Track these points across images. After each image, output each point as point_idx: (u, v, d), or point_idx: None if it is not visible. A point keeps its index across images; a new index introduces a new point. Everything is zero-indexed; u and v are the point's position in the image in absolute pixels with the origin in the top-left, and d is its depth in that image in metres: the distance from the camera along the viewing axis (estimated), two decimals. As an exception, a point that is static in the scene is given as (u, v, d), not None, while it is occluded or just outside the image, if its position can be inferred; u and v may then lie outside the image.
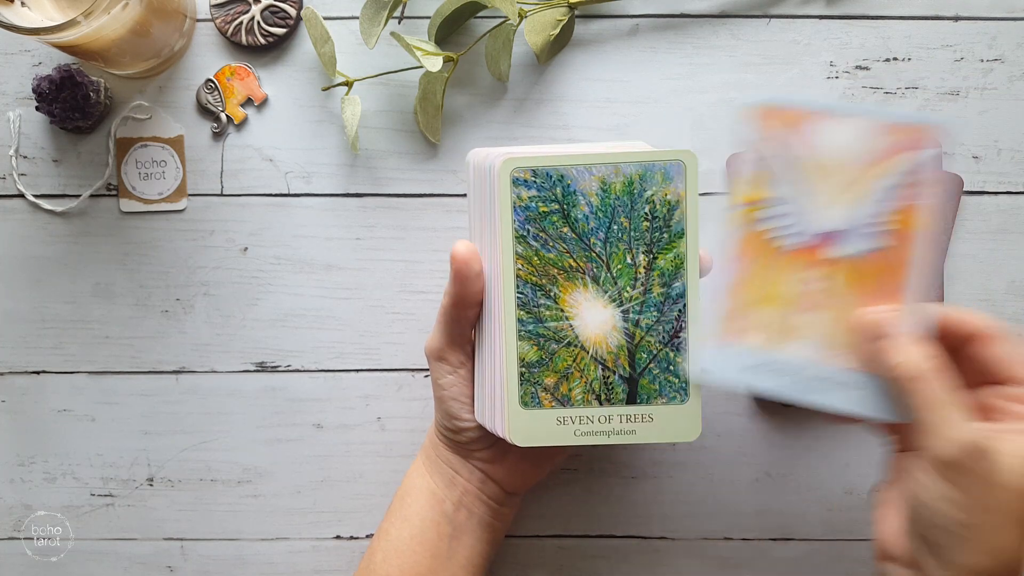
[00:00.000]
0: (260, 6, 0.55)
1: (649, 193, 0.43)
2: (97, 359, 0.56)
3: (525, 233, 0.43)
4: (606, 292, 0.43)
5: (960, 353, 0.41)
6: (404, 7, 0.55)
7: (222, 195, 0.56)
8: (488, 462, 0.49)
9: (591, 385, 0.44)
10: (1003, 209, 0.55)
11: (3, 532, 0.57)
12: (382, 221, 0.56)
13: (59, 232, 0.56)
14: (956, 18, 0.55)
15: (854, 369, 0.42)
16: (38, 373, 0.56)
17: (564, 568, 0.56)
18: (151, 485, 0.56)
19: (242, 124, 0.56)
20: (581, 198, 0.43)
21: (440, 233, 0.56)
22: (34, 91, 0.53)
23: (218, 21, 0.55)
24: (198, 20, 0.56)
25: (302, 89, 0.56)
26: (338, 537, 0.57)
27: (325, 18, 0.53)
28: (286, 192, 0.56)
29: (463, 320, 0.45)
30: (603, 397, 0.44)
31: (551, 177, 0.43)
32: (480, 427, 0.47)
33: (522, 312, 0.43)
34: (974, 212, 0.55)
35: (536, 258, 0.43)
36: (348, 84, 0.54)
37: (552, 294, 0.43)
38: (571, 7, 0.54)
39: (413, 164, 0.56)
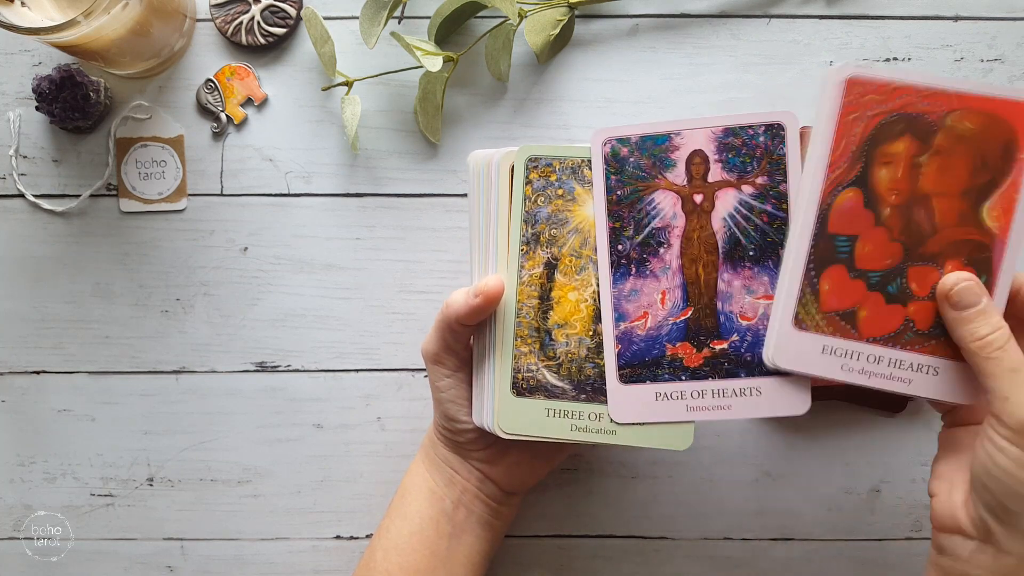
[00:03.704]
0: (260, 6, 0.55)
1: None
2: (97, 359, 0.56)
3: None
4: None
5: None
6: (404, 7, 0.55)
7: (222, 195, 0.56)
8: (486, 462, 0.49)
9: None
10: (1003, 209, 0.55)
11: (3, 532, 0.57)
12: (382, 221, 0.56)
13: (59, 232, 0.56)
14: (956, 18, 0.55)
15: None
16: (38, 373, 0.56)
17: (564, 568, 0.56)
18: (151, 485, 0.56)
19: (242, 124, 0.56)
20: None
21: (440, 233, 0.56)
22: (34, 91, 0.53)
23: (218, 21, 0.55)
24: (198, 20, 0.56)
25: (302, 89, 0.56)
26: (338, 537, 0.57)
27: (325, 18, 0.53)
28: (286, 192, 0.56)
29: (462, 332, 0.45)
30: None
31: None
32: (478, 428, 0.47)
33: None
34: (974, 212, 0.55)
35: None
36: (348, 84, 0.54)
37: None
38: (571, 7, 0.54)
39: (413, 164, 0.56)
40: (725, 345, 0.42)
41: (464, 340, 0.46)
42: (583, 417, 0.43)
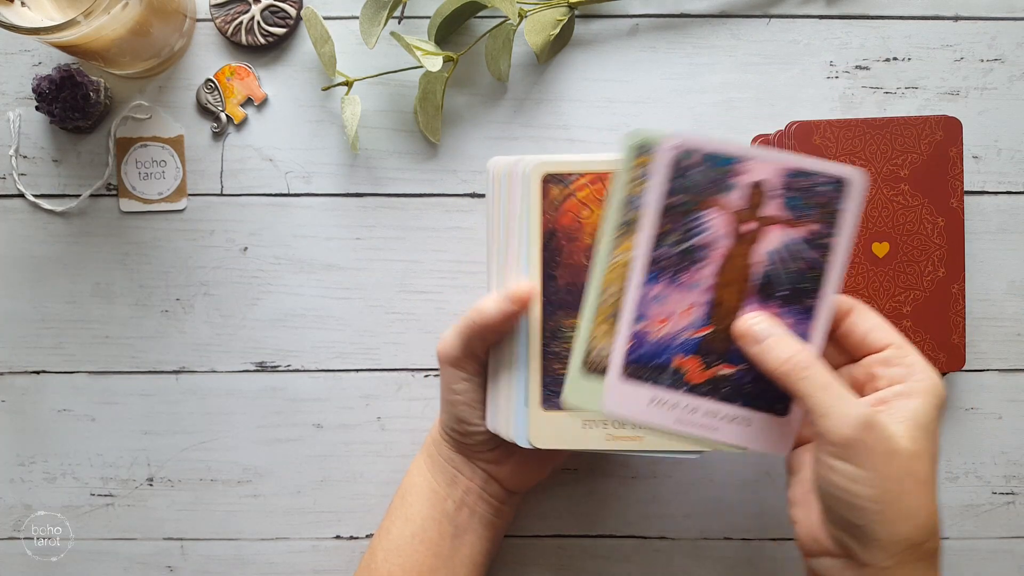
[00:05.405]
0: (260, 6, 0.55)
1: None
2: (97, 359, 0.56)
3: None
4: None
5: (834, 333, 0.43)
6: (404, 7, 0.55)
7: (222, 195, 0.56)
8: (492, 462, 0.49)
9: None
10: (1003, 209, 0.55)
11: (3, 532, 0.57)
12: (382, 221, 0.56)
13: (59, 232, 0.56)
14: (956, 18, 0.56)
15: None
16: (38, 373, 0.56)
17: (564, 568, 0.56)
18: (151, 485, 0.57)
19: (242, 124, 0.56)
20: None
21: (440, 233, 0.56)
22: (34, 91, 0.53)
23: (218, 21, 0.55)
24: (198, 20, 0.56)
25: (302, 89, 0.56)
26: (338, 537, 0.57)
27: (325, 18, 0.53)
28: (286, 192, 0.56)
29: (492, 338, 0.45)
30: None
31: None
32: (488, 430, 0.47)
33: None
34: (974, 212, 0.55)
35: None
36: (348, 84, 0.54)
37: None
38: (571, 7, 0.54)
39: (413, 164, 0.56)
40: (731, 371, 0.43)
41: (489, 345, 0.46)
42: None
